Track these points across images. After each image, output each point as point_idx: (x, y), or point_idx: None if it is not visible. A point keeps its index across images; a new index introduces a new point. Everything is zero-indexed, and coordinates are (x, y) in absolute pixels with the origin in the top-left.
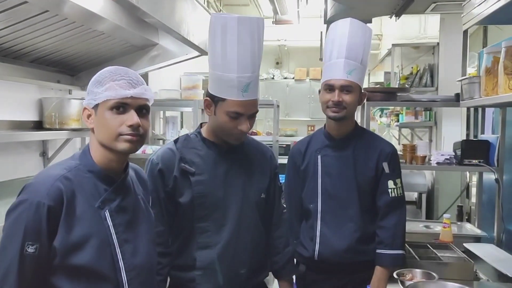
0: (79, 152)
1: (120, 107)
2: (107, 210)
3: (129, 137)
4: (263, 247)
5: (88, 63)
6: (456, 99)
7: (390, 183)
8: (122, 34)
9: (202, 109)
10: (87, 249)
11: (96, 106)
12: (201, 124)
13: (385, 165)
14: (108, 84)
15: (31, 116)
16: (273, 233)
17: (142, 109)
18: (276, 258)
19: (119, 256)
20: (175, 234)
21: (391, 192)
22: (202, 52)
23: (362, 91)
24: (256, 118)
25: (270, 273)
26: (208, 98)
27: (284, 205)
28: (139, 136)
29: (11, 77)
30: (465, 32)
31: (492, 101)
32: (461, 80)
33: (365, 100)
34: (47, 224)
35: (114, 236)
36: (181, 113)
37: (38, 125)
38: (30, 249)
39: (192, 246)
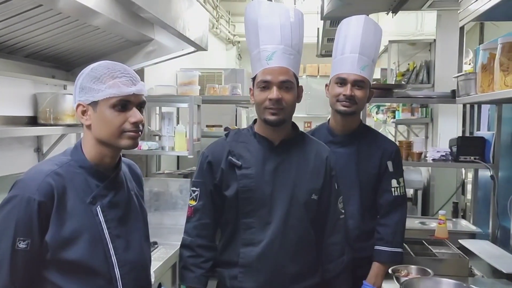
0: (71, 148)
1: (124, 104)
2: (98, 206)
3: (132, 133)
4: (312, 251)
5: (83, 58)
6: (452, 96)
7: (394, 182)
8: (117, 29)
9: (198, 105)
10: (79, 244)
11: (94, 103)
12: (254, 120)
13: (389, 164)
14: (111, 81)
15: (26, 111)
16: (327, 239)
17: (141, 106)
18: (329, 266)
19: (112, 251)
20: (221, 229)
21: (394, 190)
22: (198, 48)
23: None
24: (253, 115)
25: None
26: (250, 87)
27: (342, 211)
28: (140, 132)
29: (5, 72)
30: (462, 28)
31: (488, 98)
32: (457, 77)
33: None
34: (38, 220)
35: (106, 232)
36: (177, 109)
37: (33, 121)
38: (22, 245)
39: (236, 242)
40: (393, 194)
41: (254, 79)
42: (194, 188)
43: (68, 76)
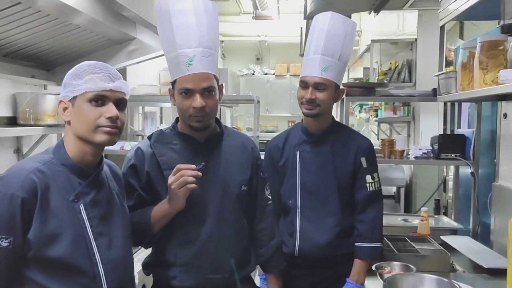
0: (53, 146)
1: (99, 99)
2: (81, 204)
3: (107, 129)
4: (246, 240)
5: (64, 58)
6: (433, 94)
7: (368, 178)
8: (99, 28)
9: None
10: (62, 242)
11: (73, 99)
12: (177, 118)
13: (363, 160)
14: (87, 77)
15: (5, 111)
16: (257, 226)
17: (120, 103)
18: (261, 251)
19: (95, 249)
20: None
21: (369, 186)
22: None
23: (341, 87)
24: (237, 114)
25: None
26: (170, 88)
27: (269, 197)
28: (117, 129)
29: None
30: (442, 27)
31: (468, 96)
32: (438, 75)
33: (344, 95)
34: (21, 217)
35: (89, 229)
36: (161, 108)
37: (12, 121)
38: (4, 243)
39: (172, 242)
40: (369, 190)
41: (173, 83)
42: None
43: (48, 76)
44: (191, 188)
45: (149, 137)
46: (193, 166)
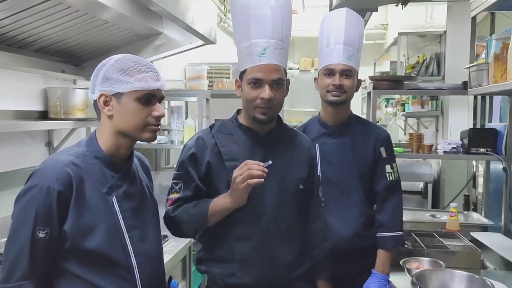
0: (85, 139)
1: (148, 98)
2: (114, 196)
3: (154, 127)
4: (301, 239)
5: (92, 53)
6: (464, 87)
7: (388, 167)
8: (126, 23)
9: (207, 99)
10: (97, 234)
11: (118, 94)
12: (238, 110)
13: (382, 150)
14: (139, 75)
15: (36, 106)
16: (311, 227)
17: (161, 101)
18: (313, 253)
19: (128, 241)
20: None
21: (389, 176)
22: (207, 41)
23: (358, 78)
24: None
25: None
26: (237, 79)
27: (322, 199)
28: (160, 126)
29: (15, 67)
30: (473, 18)
31: (501, 88)
32: (469, 68)
33: (372, 88)
34: (58, 209)
35: (121, 222)
36: (186, 103)
37: (43, 115)
38: (41, 234)
39: (229, 237)
40: (389, 179)
41: (243, 73)
42: (176, 181)
43: (77, 71)
44: (255, 182)
45: (211, 127)
46: (261, 163)
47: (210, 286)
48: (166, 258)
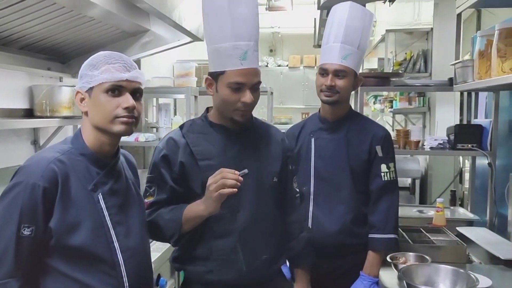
0: (71, 136)
1: (116, 89)
2: (100, 193)
3: (125, 119)
4: (280, 233)
5: (78, 50)
6: (450, 84)
7: (383, 167)
8: (113, 20)
9: (195, 96)
10: (82, 230)
11: (90, 90)
12: (207, 108)
13: (378, 149)
14: (103, 67)
15: (22, 104)
16: (287, 218)
17: (136, 93)
18: (291, 244)
19: (114, 237)
20: None
21: (384, 175)
22: (195, 38)
23: (358, 76)
24: None
25: None
26: (208, 77)
27: (297, 189)
28: (134, 118)
29: (0, 64)
30: (459, 15)
31: (485, 84)
32: (454, 64)
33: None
34: (43, 206)
35: (107, 218)
36: (174, 101)
37: (29, 113)
38: (26, 231)
39: (207, 236)
40: (383, 179)
41: (220, 74)
42: (150, 184)
43: (63, 68)
44: (227, 192)
45: (181, 127)
46: (236, 172)
47: (188, 284)
48: (154, 256)
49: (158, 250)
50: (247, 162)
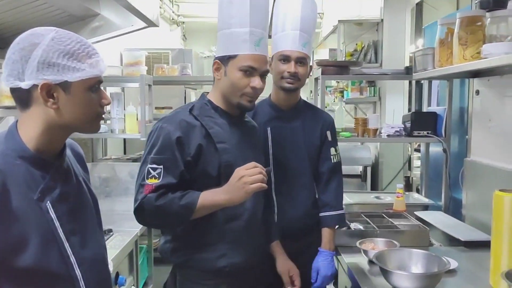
0: (2, 133)
1: (97, 85)
2: (48, 201)
3: (103, 115)
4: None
5: (20, 35)
6: (406, 72)
7: (332, 150)
8: (59, 1)
9: (149, 85)
10: (31, 248)
11: (65, 83)
12: (203, 94)
13: (328, 134)
14: (90, 60)
15: None
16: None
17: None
18: (272, 230)
19: (69, 250)
20: None
21: (333, 158)
22: (150, 23)
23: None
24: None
25: None
26: (217, 61)
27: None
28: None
29: None
30: (418, 4)
31: (447, 72)
32: (414, 53)
33: (320, 74)
34: None
35: (59, 229)
36: (123, 89)
37: None
38: None
39: (216, 220)
40: (333, 161)
41: (231, 57)
42: (155, 166)
43: (3, 54)
44: (263, 187)
45: (190, 110)
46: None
47: (181, 282)
48: (112, 253)
49: (116, 247)
50: (247, 148)
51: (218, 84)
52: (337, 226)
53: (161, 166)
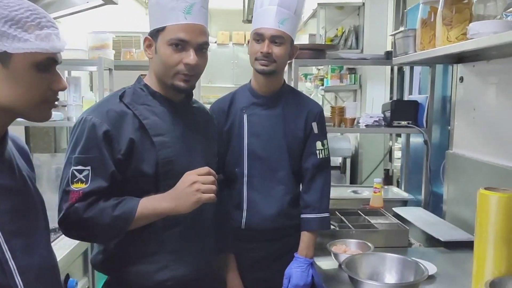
0: None
1: (48, 64)
2: None
3: (53, 104)
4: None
5: None
6: (386, 57)
7: (318, 144)
8: None
9: (110, 69)
10: None
11: (5, 54)
12: (139, 76)
13: (314, 125)
14: (40, 31)
15: None
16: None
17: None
18: (223, 232)
19: (8, 255)
20: None
21: (319, 153)
22: (107, 1)
23: (294, 44)
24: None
25: None
26: (148, 37)
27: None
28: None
29: None
30: None
31: (429, 55)
32: (394, 35)
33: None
34: None
35: None
36: (91, 74)
37: None
38: None
39: (157, 227)
40: (318, 157)
41: (159, 31)
42: (81, 167)
43: None
44: (213, 200)
45: (120, 97)
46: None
47: None
48: (61, 254)
49: (66, 247)
50: (193, 141)
51: (151, 65)
52: None
53: (89, 167)
